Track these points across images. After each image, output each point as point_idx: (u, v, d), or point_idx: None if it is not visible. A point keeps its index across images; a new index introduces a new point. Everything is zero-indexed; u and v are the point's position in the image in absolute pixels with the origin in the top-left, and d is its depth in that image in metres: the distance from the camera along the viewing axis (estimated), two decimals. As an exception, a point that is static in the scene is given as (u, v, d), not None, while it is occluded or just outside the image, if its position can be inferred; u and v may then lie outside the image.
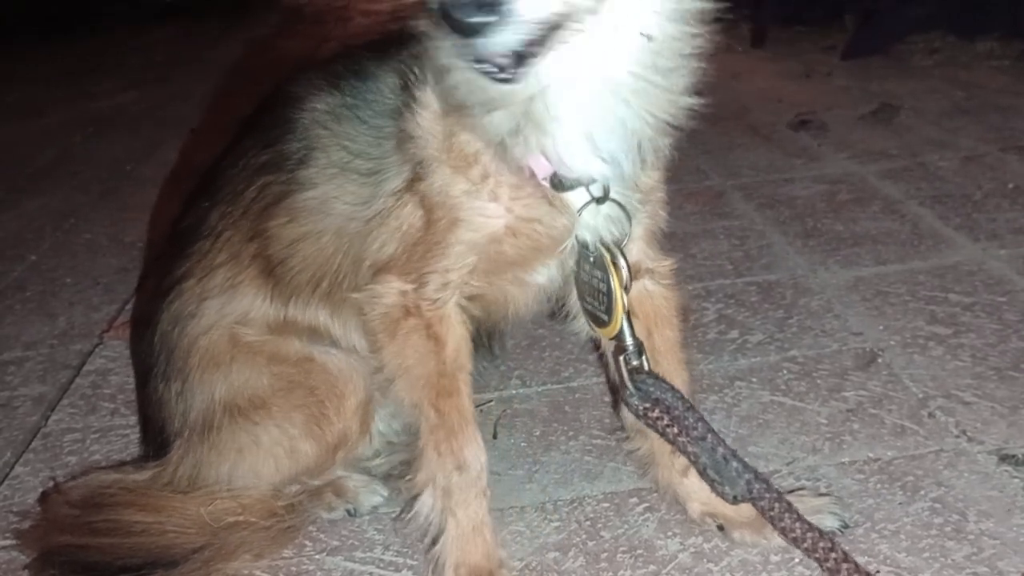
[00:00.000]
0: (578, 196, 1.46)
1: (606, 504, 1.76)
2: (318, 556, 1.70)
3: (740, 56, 5.52)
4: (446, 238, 1.49)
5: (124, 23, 8.03)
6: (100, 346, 2.60)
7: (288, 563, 1.68)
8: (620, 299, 1.53)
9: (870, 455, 1.83)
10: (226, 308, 1.71)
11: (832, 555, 1.42)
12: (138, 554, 1.61)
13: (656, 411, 1.51)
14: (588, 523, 1.72)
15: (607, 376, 2.15)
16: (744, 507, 1.53)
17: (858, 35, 5.27)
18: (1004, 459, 1.77)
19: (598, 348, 2.02)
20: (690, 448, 1.50)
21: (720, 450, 1.49)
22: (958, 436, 1.86)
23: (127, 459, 2.00)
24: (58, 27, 7.64)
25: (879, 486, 1.74)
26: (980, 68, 4.74)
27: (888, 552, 1.57)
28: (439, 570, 1.55)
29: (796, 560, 1.55)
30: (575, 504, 1.77)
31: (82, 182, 4.17)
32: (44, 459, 2.08)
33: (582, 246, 1.53)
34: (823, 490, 1.73)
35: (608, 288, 1.53)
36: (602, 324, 1.59)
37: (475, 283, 1.54)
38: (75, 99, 5.80)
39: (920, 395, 2.01)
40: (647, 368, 1.55)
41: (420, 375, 1.53)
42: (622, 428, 1.82)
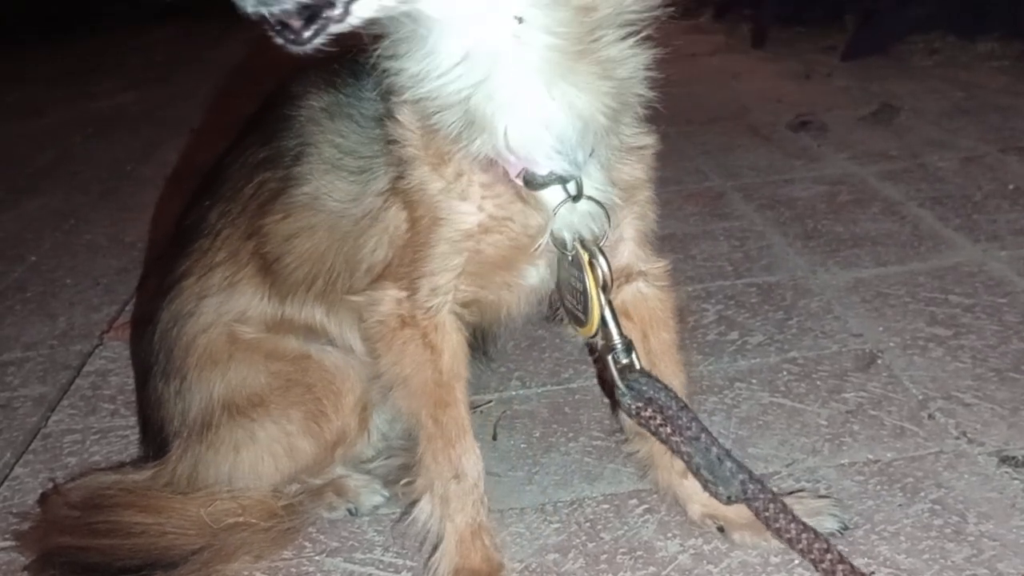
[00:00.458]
0: (553, 194, 1.43)
1: (606, 506, 1.76)
2: (318, 557, 1.70)
3: (740, 56, 5.52)
4: (429, 239, 1.47)
5: (124, 23, 8.05)
6: (100, 347, 2.60)
7: (288, 564, 1.68)
8: (596, 298, 1.51)
9: (870, 456, 1.83)
10: (224, 306, 1.71)
11: (828, 556, 1.41)
12: (138, 555, 1.62)
13: (649, 410, 1.50)
14: (588, 524, 1.72)
15: (599, 377, 2.15)
16: (744, 508, 1.52)
17: (858, 35, 5.27)
18: (1004, 461, 1.77)
19: (594, 351, 2.02)
20: (684, 448, 1.48)
21: (714, 450, 1.47)
22: (958, 438, 1.86)
23: (127, 460, 2.00)
24: (58, 27, 7.65)
25: (879, 488, 1.74)
26: (980, 68, 4.73)
27: (888, 554, 1.57)
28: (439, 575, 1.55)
29: (796, 562, 1.55)
30: (575, 506, 1.77)
31: (82, 182, 4.17)
32: (44, 460, 2.08)
33: (559, 245, 1.50)
34: (823, 492, 1.73)
35: (584, 287, 1.51)
36: (581, 324, 1.57)
37: (465, 287, 1.52)
38: (75, 99, 5.80)
39: (920, 396, 2.01)
40: (638, 366, 1.53)
41: (417, 385, 1.53)
42: (621, 430, 1.82)
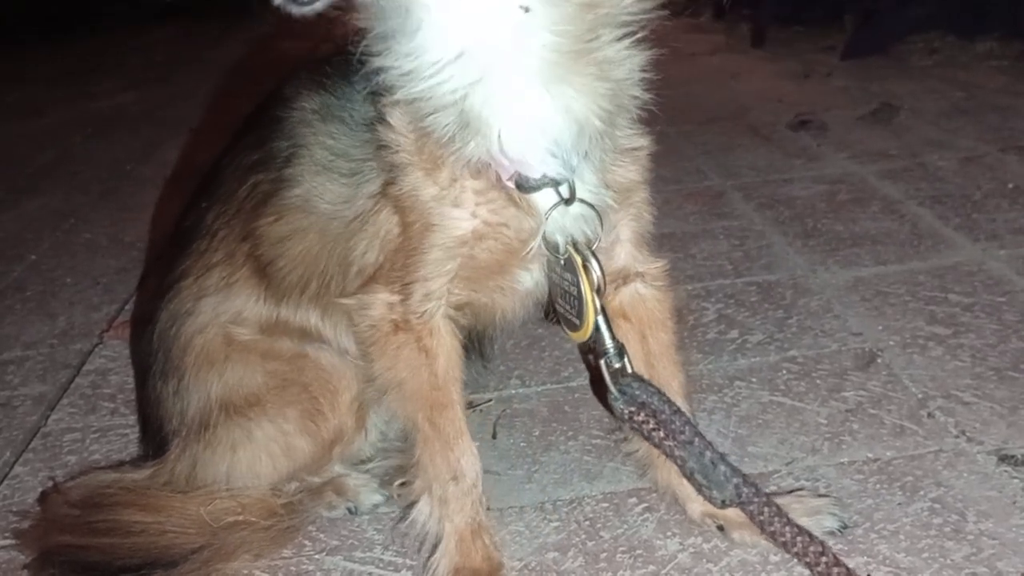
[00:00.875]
0: (546, 197, 1.42)
1: (605, 504, 1.76)
2: (317, 556, 1.70)
3: (740, 56, 5.52)
4: (421, 244, 1.46)
5: (124, 23, 8.03)
6: (100, 346, 2.60)
7: (287, 563, 1.68)
8: (591, 302, 1.49)
9: (869, 455, 1.83)
10: (221, 307, 1.71)
11: (823, 559, 1.41)
12: (137, 554, 1.61)
13: (642, 415, 1.48)
14: (587, 523, 1.72)
15: (592, 380, 2.14)
16: (742, 507, 1.52)
17: (857, 35, 5.27)
18: (1003, 459, 1.77)
19: (589, 351, 2.01)
20: (677, 452, 1.47)
21: (708, 454, 1.46)
22: (957, 436, 1.86)
23: (127, 459, 2.00)
24: (58, 27, 7.64)
25: (878, 486, 1.74)
26: (980, 68, 4.73)
27: (887, 552, 1.57)
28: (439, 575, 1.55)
29: (795, 561, 1.55)
30: (574, 504, 1.77)
31: (82, 182, 4.17)
32: (44, 459, 2.08)
33: (551, 248, 1.48)
34: (822, 490, 1.73)
35: (579, 291, 1.49)
36: (575, 328, 1.55)
37: (458, 292, 1.51)
38: (75, 99, 5.80)
39: (919, 395, 2.01)
40: (630, 370, 1.52)
41: (413, 389, 1.52)
42: (620, 429, 1.82)
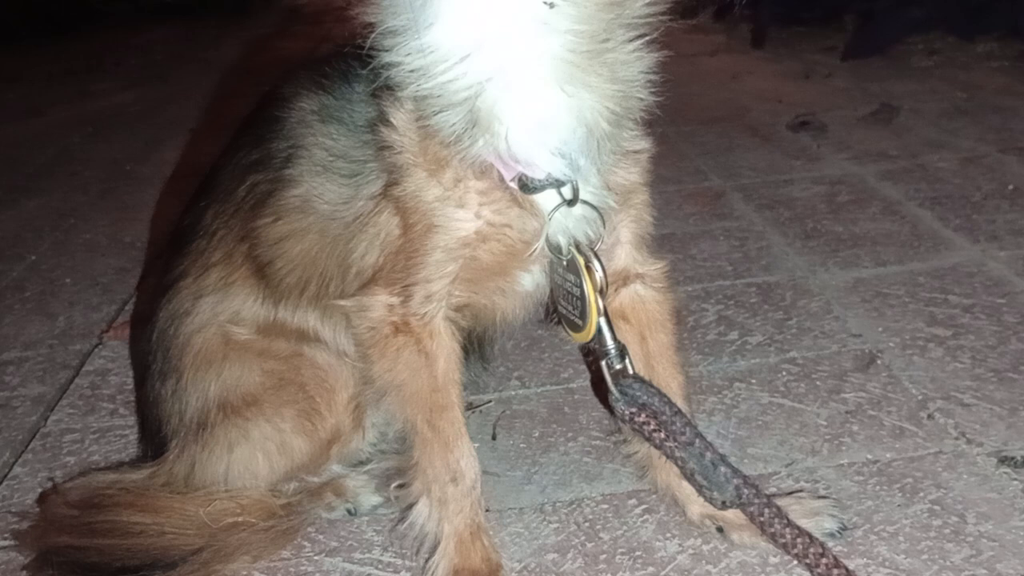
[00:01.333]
0: (548, 198, 1.42)
1: (605, 505, 1.76)
2: (317, 557, 1.70)
3: (740, 56, 5.52)
4: (423, 245, 1.46)
5: (124, 23, 8.04)
6: (99, 346, 2.59)
7: (287, 564, 1.68)
8: (594, 303, 1.49)
9: (869, 457, 1.83)
10: (219, 307, 1.71)
11: (823, 561, 1.41)
12: (136, 555, 1.61)
13: (643, 416, 1.48)
14: (587, 524, 1.72)
15: (593, 382, 2.14)
16: (742, 509, 1.52)
17: (858, 36, 5.27)
18: (1003, 461, 1.77)
19: (589, 353, 2.01)
20: (678, 453, 1.47)
21: (708, 455, 1.45)
22: (957, 438, 1.86)
23: (126, 459, 2.00)
24: (58, 27, 7.64)
25: (878, 488, 1.74)
26: (979, 69, 4.73)
27: (887, 554, 1.57)
28: None
29: (795, 562, 1.55)
30: (574, 505, 1.77)
31: (82, 182, 4.16)
32: (43, 459, 2.08)
33: (554, 250, 1.48)
34: (822, 492, 1.73)
35: (582, 292, 1.49)
36: (577, 329, 1.55)
37: (459, 293, 1.51)
38: (75, 99, 5.79)
39: (919, 397, 2.01)
40: (632, 372, 1.52)
41: (413, 391, 1.52)
42: (620, 430, 1.82)
